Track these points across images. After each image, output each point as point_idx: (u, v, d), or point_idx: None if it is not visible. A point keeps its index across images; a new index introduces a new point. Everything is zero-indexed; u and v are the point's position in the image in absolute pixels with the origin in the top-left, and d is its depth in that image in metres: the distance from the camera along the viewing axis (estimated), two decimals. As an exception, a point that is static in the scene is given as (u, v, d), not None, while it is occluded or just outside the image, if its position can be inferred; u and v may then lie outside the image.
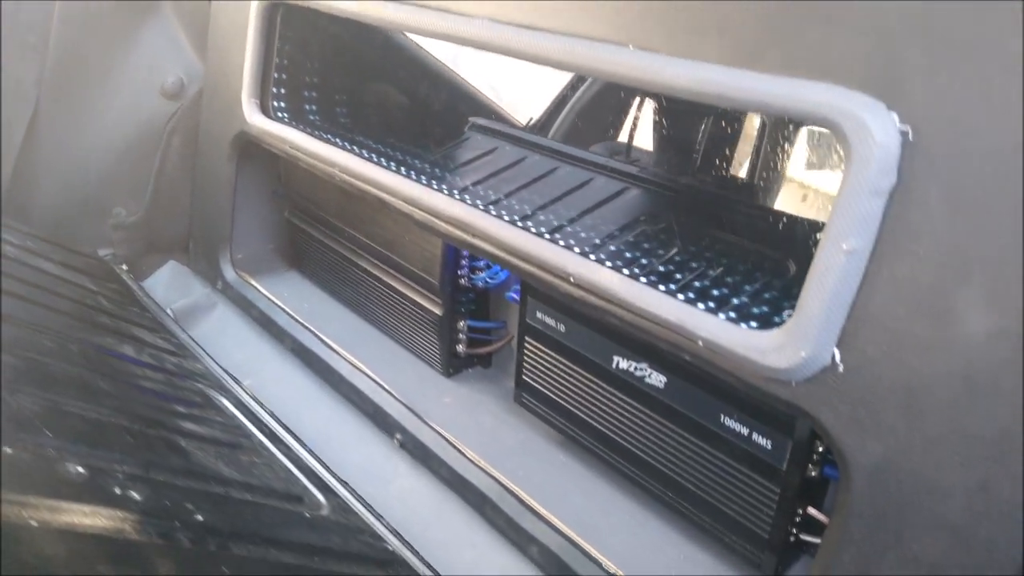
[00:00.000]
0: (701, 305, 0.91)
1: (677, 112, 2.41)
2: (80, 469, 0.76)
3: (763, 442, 0.95)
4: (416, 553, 1.11)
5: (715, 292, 0.97)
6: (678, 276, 0.99)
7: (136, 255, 1.90)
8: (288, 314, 1.63)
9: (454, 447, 1.27)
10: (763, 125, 2.66)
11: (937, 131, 0.73)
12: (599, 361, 1.13)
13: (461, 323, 1.42)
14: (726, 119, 2.31)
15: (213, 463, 0.97)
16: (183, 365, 1.33)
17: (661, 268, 1.02)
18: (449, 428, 1.31)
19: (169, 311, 1.73)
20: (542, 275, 1.06)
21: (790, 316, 0.81)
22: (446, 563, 1.15)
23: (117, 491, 0.76)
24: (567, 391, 1.21)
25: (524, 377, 1.28)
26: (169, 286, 1.87)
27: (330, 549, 0.93)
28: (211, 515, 0.82)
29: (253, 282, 1.75)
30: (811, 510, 0.97)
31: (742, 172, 2.47)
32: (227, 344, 1.67)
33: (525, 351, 1.26)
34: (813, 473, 0.94)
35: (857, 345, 0.78)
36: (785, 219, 1.16)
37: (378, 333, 1.60)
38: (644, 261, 1.04)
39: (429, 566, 1.09)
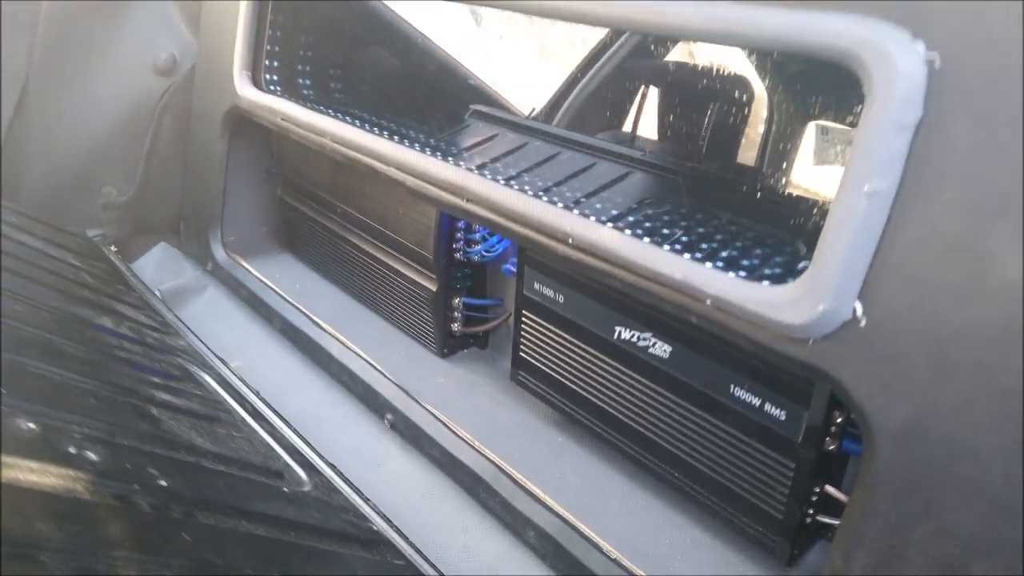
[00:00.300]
0: (708, 264, 0.84)
1: (682, 99, 2.36)
2: (32, 425, 0.70)
3: (776, 413, 0.88)
4: (403, 536, 1.05)
5: (723, 254, 0.90)
6: (684, 239, 0.92)
7: (126, 236, 1.84)
8: (278, 294, 1.57)
9: (447, 427, 1.20)
10: (770, 115, 2.61)
11: (966, 59, 0.66)
12: (600, 332, 1.07)
13: (456, 300, 1.36)
14: (732, 106, 2.25)
15: (186, 433, 0.90)
16: (165, 341, 1.27)
17: (666, 231, 0.96)
18: (442, 408, 1.25)
19: (157, 292, 1.68)
20: (539, 238, 0.99)
21: (806, 269, 0.75)
22: (437, 547, 1.08)
23: (72, 450, 0.70)
24: (566, 366, 1.14)
25: (521, 354, 1.22)
26: (159, 267, 1.81)
27: (309, 525, 0.86)
28: (177, 481, 0.76)
29: (244, 263, 1.70)
30: (829, 488, 0.90)
31: (748, 159, 2.41)
32: (216, 326, 1.62)
33: (522, 325, 1.19)
34: (831, 447, 0.87)
35: (881, 296, 0.71)
36: (795, 202, 1.09)
37: (371, 314, 1.54)
38: (648, 225, 0.97)
39: (417, 549, 1.02)
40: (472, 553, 1.08)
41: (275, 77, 1.58)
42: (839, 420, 0.85)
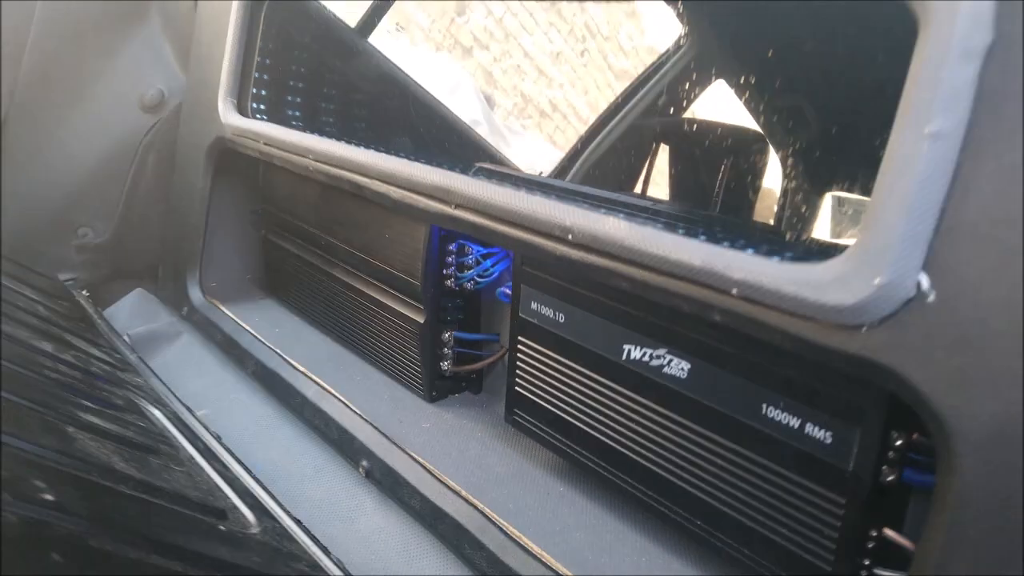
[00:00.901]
0: (730, 248, 0.70)
1: (693, 158, 2.27)
2: None
3: (820, 435, 0.72)
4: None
5: (747, 244, 0.76)
6: (700, 233, 0.78)
7: (101, 280, 1.73)
8: (253, 335, 1.43)
9: (430, 474, 1.04)
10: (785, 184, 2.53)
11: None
12: (606, 354, 0.92)
13: (447, 335, 1.21)
14: (743, 163, 2.16)
15: (106, 456, 0.75)
16: (117, 375, 1.13)
17: (680, 227, 0.82)
18: (426, 454, 1.08)
19: (126, 336, 1.54)
20: (536, 240, 0.86)
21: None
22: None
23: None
24: (568, 400, 0.99)
25: (517, 389, 1.06)
26: (133, 313, 1.68)
27: (245, 568, 0.70)
28: (70, 498, 0.60)
29: (222, 307, 1.57)
30: (889, 533, 0.73)
31: (762, 216, 2.31)
32: (186, 372, 1.47)
33: (518, 354, 1.05)
34: (889, 477, 0.70)
35: (952, 265, 0.57)
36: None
37: (356, 359, 1.39)
38: (660, 222, 0.84)
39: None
40: (453, 621, 0.90)
41: (262, 106, 1.49)
42: (899, 442, 0.69)
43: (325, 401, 1.22)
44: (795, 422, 0.74)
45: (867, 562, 0.74)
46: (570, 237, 0.81)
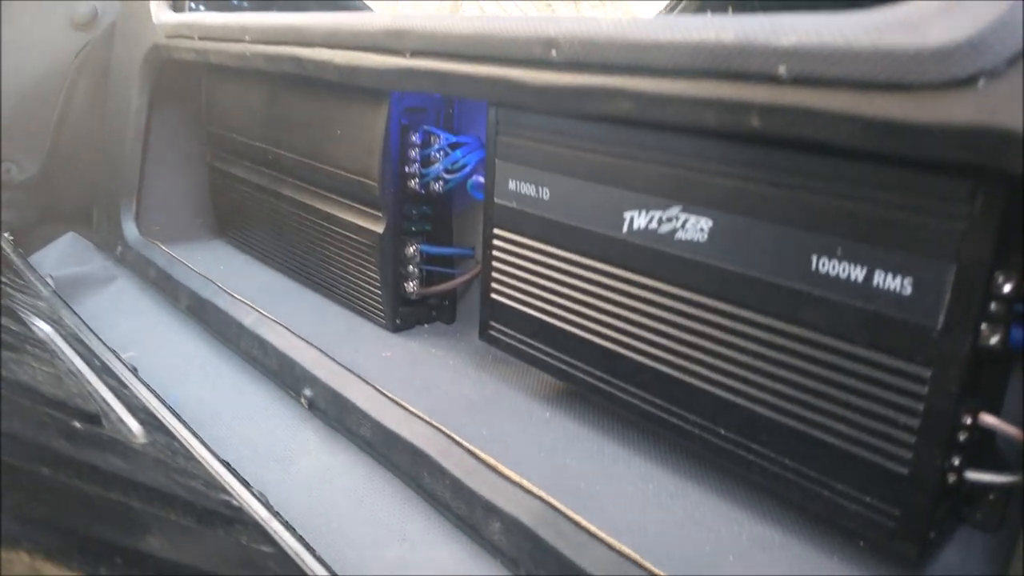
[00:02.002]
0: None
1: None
2: None
3: (895, 285, 0.53)
4: (309, 548, 0.67)
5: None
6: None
7: (29, 223, 1.53)
8: (186, 266, 1.23)
9: (385, 397, 0.84)
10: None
11: None
12: (602, 230, 0.72)
13: (411, 249, 1.02)
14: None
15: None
16: (14, 302, 0.93)
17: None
18: (383, 381, 0.89)
19: (49, 279, 1.34)
20: (514, 74, 0.67)
21: None
22: (358, 564, 0.70)
23: None
24: (556, 299, 0.79)
25: (494, 295, 0.87)
26: (62, 259, 1.48)
27: (115, 476, 0.50)
28: None
29: (162, 246, 1.36)
30: (988, 419, 0.54)
31: None
32: (116, 316, 1.27)
33: (494, 251, 0.85)
34: (992, 338, 0.51)
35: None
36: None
37: (309, 292, 1.20)
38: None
39: (321, 561, 0.64)
40: (409, 570, 0.69)
41: (200, 7, 1.30)
42: (1006, 287, 0.50)
43: (264, 327, 1.02)
44: (859, 273, 0.55)
45: (957, 461, 0.55)
46: (554, 54, 0.62)
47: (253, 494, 0.72)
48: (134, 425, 0.65)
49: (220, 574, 0.45)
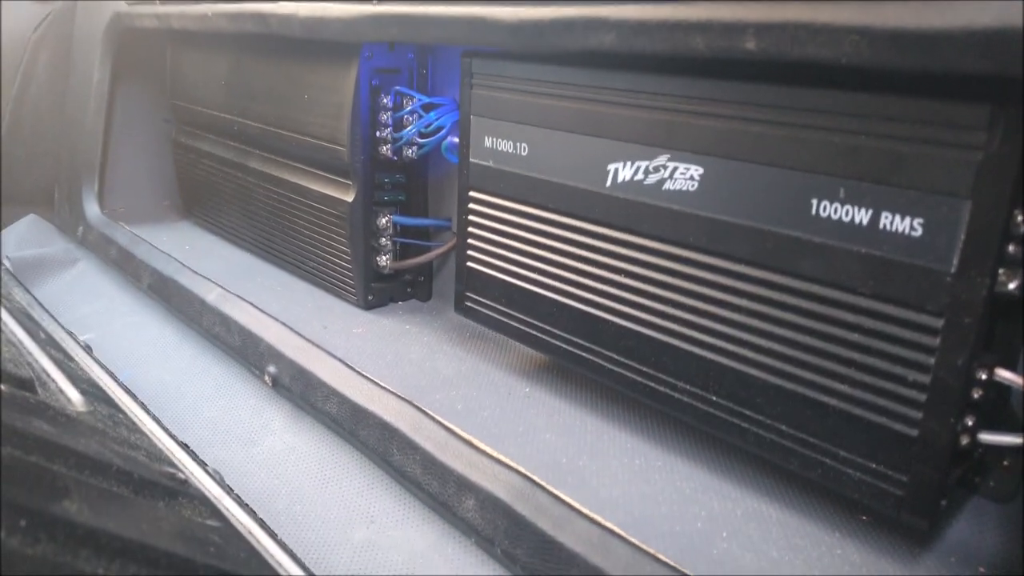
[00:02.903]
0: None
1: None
2: None
3: (904, 227, 0.48)
4: (270, 532, 0.61)
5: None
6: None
7: (-15, 206, 1.46)
8: (149, 244, 1.17)
9: (354, 371, 0.79)
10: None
11: None
12: (585, 185, 0.67)
13: (384, 220, 0.96)
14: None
15: None
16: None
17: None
18: (351, 356, 0.83)
19: (6, 259, 1.27)
20: (487, 11, 0.62)
21: None
22: (322, 547, 0.65)
23: None
24: (536, 264, 0.74)
25: (470, 264, 0.81)
26: (22, 242, 1.41)
27: (47, 442, 0.44)
28: None
29: (126, 226, 1.30)
30: (1003, 373, 0.49)
31: None
32: (76, 299, 1.21)
33: (470, 216, 0.80)
34: (1011, 283, 0.46)
35: None
36: None
37: (278, 271, 1.14)
38: None
39: (284, 547, 0.59)
40: (377, 553, 0.64)
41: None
42: (1027, 224, 0.45)
43: (227, 303, 0.96)
44: (863, 216, 0.50)
45: (970, 422, 0.50)
46: (531, -16, 0.57)
47: (208, 472, 0.67)
48: (74, 395, 0.59)
49: (151, 543, 0.39)
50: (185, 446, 0.80)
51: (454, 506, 0.62)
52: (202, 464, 0.72)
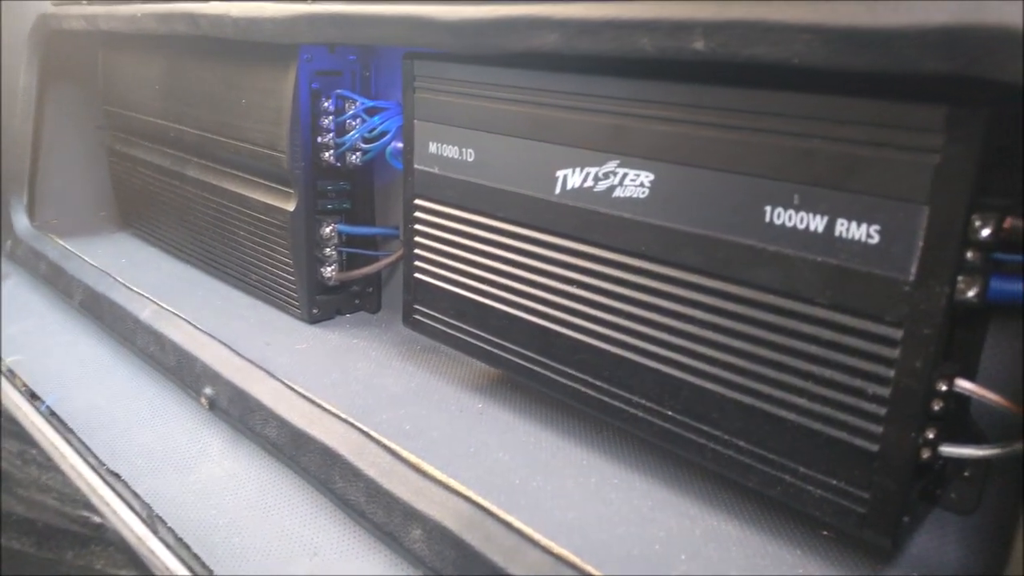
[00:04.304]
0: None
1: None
2: None
3: (860, 234, 0.46)
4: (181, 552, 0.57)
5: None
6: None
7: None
8: (80, 258, 1.11)
9: (295, 392, 0.75)
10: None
11: None
12: (533, 192, 0.64)
13: (328, 228, 0.92)
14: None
15: None
16: None
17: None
18: (292, 375, 0.79)
19: (-76, 278, 1.20)
20: (426, 10, 0.59)
21: None
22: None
23: None
24: (485, 274, 0.71)
25: (417, 275, 0.78)
26: (-55, 258, 1.33)
27: None
28: None
29: (58, 240, 1.24)
30: (962, 383, 0.47)
31: None
32: (1, 319, 1.14)
33: (417, 225, 0.76)
34: (970, 291, 0.45)
35: None
36: None
37: (219, 283, 1.09)
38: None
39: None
40: (319, 586, 0.60)
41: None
42: (984, 232, 0.43)
43: (162, 321, 0.91)
44: (818, 222, 0.48)
45: (931, 435, 0.48)
46: (469, -17, 0.54)
47: (133, 509, 0.62)
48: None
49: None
50: (116, 476, 0.76)
51: (400, 537, 0.59)
52: (134, 495, 0.68)
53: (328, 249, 0.93)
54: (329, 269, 0.93)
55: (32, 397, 0.90)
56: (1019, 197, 0.44)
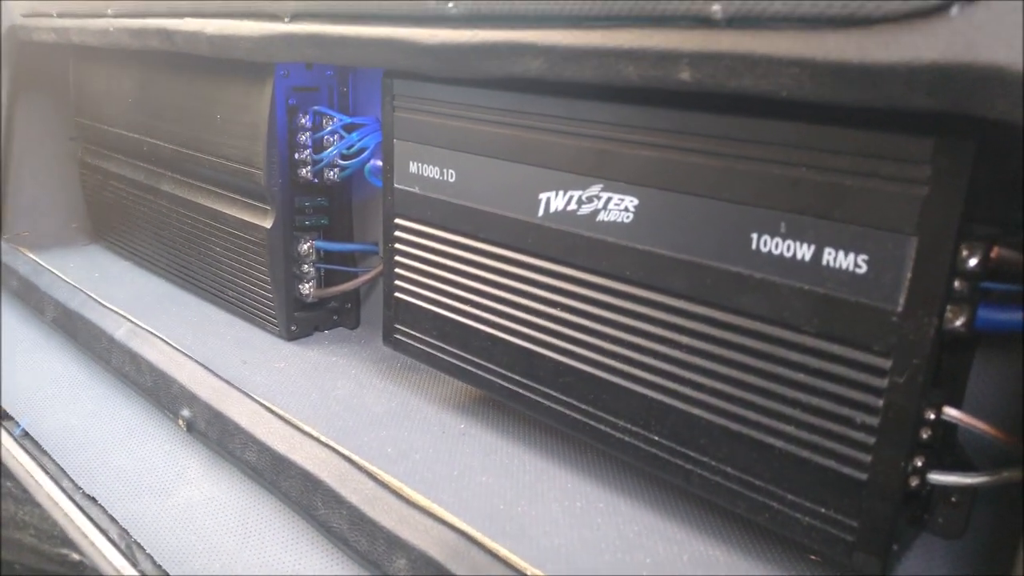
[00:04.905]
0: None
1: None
2: None
3: (848, 263, 0.46)
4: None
5: None
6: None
7: None
8: (53, 273, 1.09)
9: (274, 415, 0.73)
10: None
11: None
12: (516, 214, 0.64)
13: (306, 245, 0.91)
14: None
15: None
16: None
17: None
18: (272, 396, 0.78)
19: None
20: (406, 34, 0.58)
21: None
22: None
23: None
24: (466, 295, 0.70)
25: (398, 294, 0.77)
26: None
27: None
28: None
29: (28, 253, 1.21)
30: (951, 412, 0.47)
31: None
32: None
33: (397, 244, 0.75)
34: (957, 320, 0.45)
35: None
36: None
37: (195, 299, 1.07)
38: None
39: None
40: (301, 618, 0.59)
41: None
42: (971, 261, 0.43)
43: (137, 340, 0.89)
44: (806, 251, 0.48)
45: (920, 463, 0.48)
46: (451, 6, 0.53)
47: (110, 540, 0.61)
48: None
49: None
50: (92, 500, 0.74)
51: (384, 565, 0.58)
52: (111, 520, 0.66)
53: (306, 266, 0.92)
54: (307, 286, 0.92)
55: (3, 417, 0.87)
56: (1005, 226, 0.44)
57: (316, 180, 0.88)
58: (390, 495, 0.60)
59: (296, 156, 0.87)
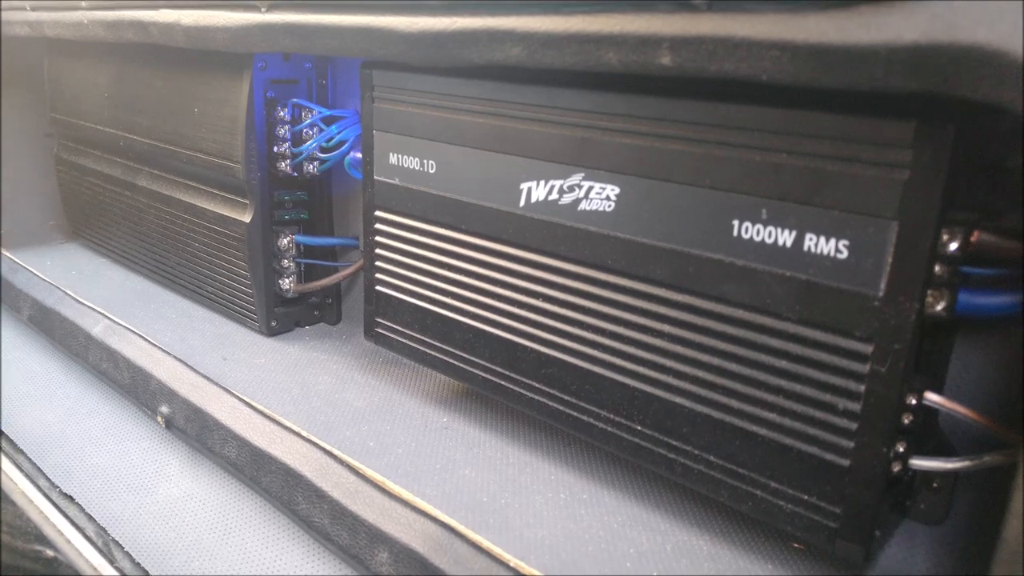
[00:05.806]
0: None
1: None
2: None
3: (829, 248, 0.46)
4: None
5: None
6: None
7: None
8: (29, 271, 1.07)
9: (254, 410, 0.72)
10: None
11: None
12: (497, 204, 0.63)
13: (286, 240, 0.90)
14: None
15: None
16: None
17: None
18: (251, 391, 0.77)
19: None
20: (383, 23, 0.57)
21: None
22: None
23: None
24: (448, 287, 0.69)
25: (379, 288, 0.76)
26: None
27: None
28: None
29: (5, 252, 1.19)
30: (932, 397, 0.47)
31: None
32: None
33: (377, 237, 0.75)
34: (939, 305, 0.45)
35: None
36: None
37: (174, 296, 1.06)
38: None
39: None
40: (282, 614, 0.58)
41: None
42: (952, 246, 0.43)
43: (115, 337, 0.88)
44: (787, 237, 0.47)
45: (902, 448, 0.48)
46: (430, -7, 0.53)
47: (87, 537, 0.60)
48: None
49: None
50: (69, 499, 0.73)
51: (367, 559, 0.57)
52: (88, 519, 0.65)
53: (286, 260, 0.91)
54: (287, 281, 0.91)
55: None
56: (985, 211, 0.44)
57: (295, 173, 0.87)
58: (372, 489, 0.59)
59: (275, 149, 0.86)
